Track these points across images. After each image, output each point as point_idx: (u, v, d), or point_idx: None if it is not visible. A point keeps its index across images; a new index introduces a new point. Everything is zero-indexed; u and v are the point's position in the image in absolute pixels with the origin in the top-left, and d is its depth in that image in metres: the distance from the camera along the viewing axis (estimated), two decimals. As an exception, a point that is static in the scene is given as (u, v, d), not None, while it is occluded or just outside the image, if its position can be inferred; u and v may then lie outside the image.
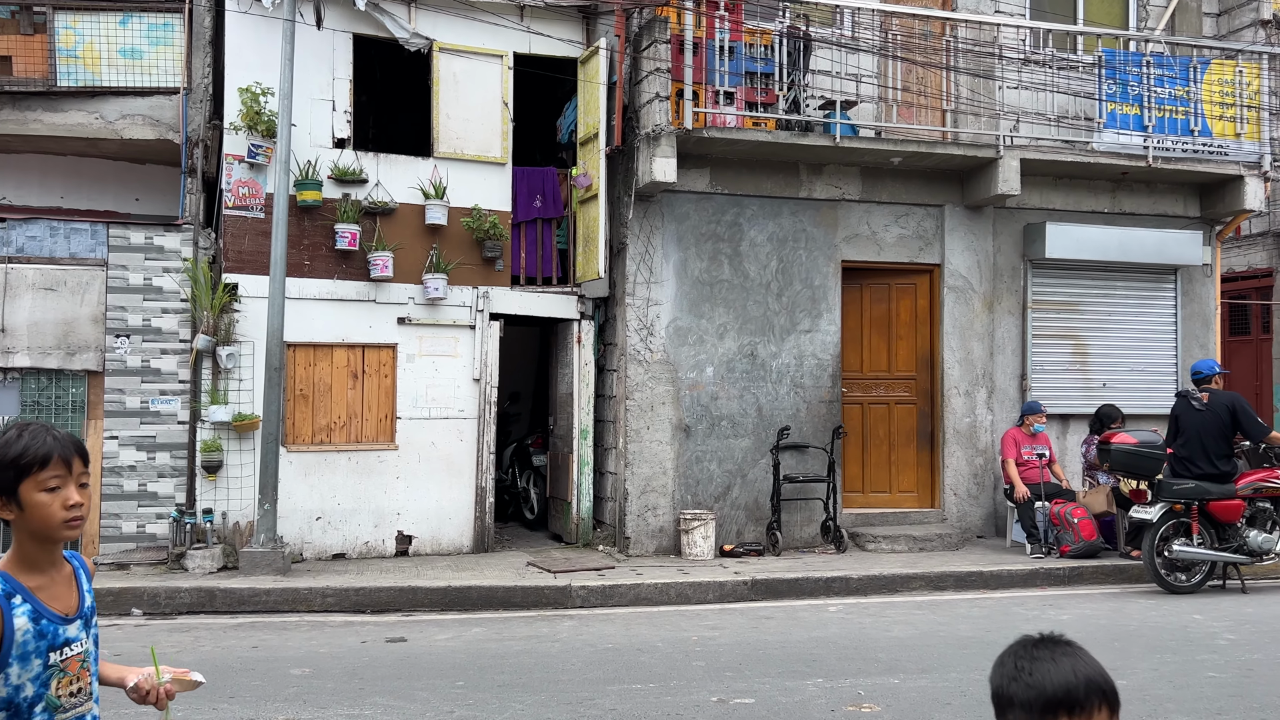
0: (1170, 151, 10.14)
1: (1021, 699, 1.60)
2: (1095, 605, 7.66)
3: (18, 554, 2.00)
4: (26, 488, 1.95)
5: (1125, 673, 5.63)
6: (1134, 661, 5.89)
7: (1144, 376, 10.62)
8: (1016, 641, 1.69)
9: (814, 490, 9.49)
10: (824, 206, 9.77)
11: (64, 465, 1.98)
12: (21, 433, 1.98)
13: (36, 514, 1.96)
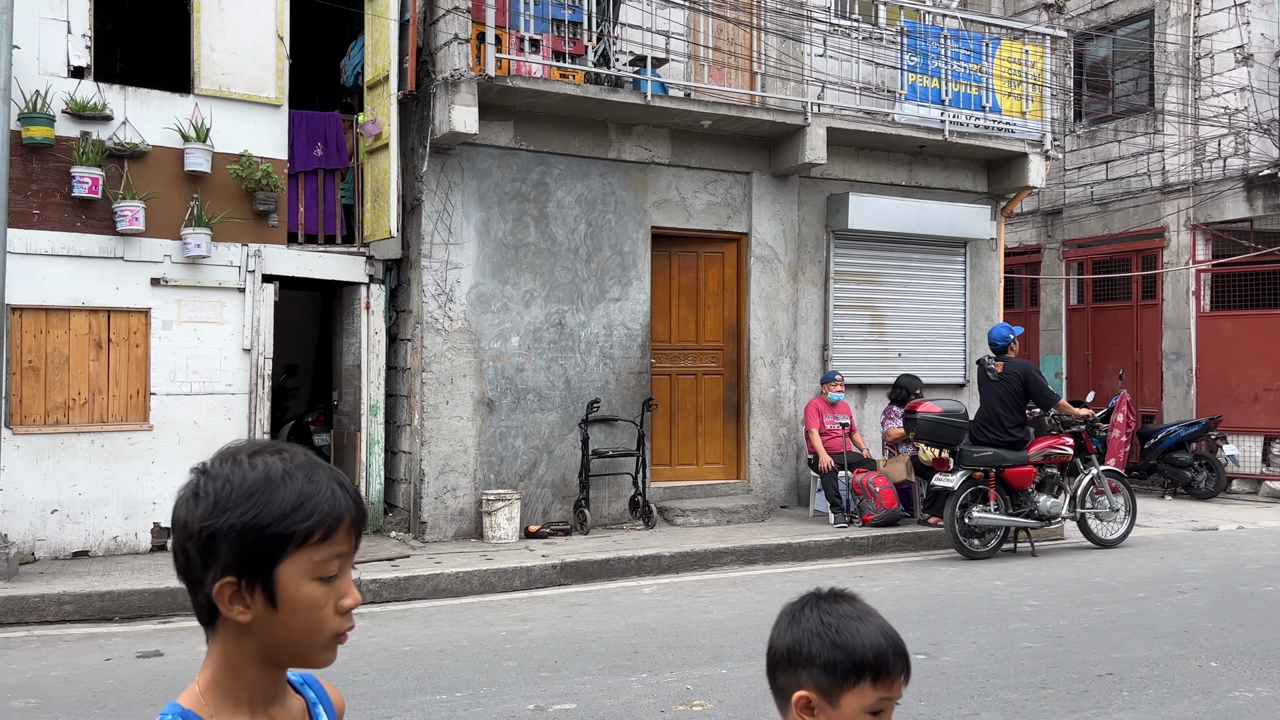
0: (964, 126, 10.37)
1: (824, 659, 1.42)
2: (903, 575, 7.67)
3: (225, 678, 1.16)
4: (291, 571, 1.12)
5: (948, 647, 5.54)
6: (953, 635, 5.83)
7: (936, 347, 10.91)
8: (806, 596, 1.51)
9: (623, 465, 9.09)
10: (634, 169, 9.31)
11: (351, 538, 1.17)
12: (292, 470, 1.14)
13: (299, 618, 1.13)
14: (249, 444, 1.17)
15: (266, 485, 1.10)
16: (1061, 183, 14.53)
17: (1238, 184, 12.29)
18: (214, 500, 1.10)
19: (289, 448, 1.16)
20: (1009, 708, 4.59)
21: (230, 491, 1.10)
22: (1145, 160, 13.46)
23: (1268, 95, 12.37)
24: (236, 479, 1.11)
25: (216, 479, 1.11)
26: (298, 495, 1.11)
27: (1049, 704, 4.63)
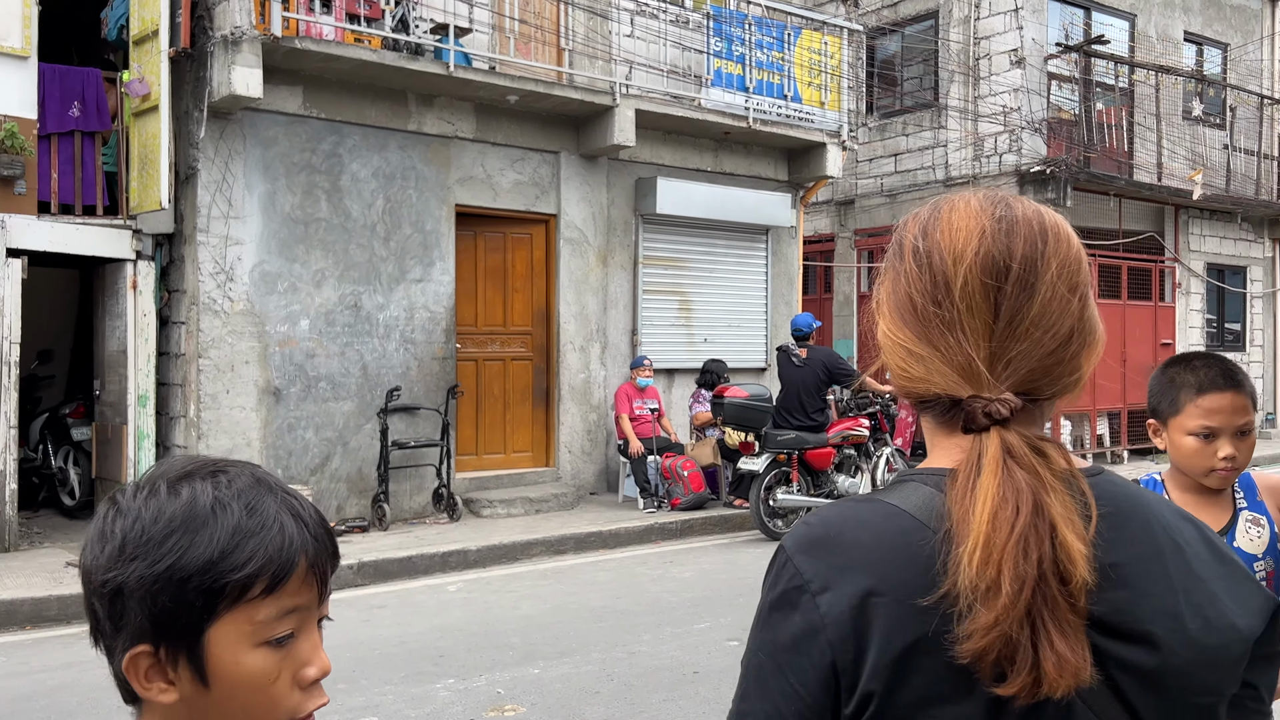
0: (767, 114, 10.52)
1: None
2: (711, 558, 7.68)
3: None
4: (226, 636, 0.85)
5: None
6: (764, 618, 5.84)
7: (740, 332, 11.06)
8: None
9: (426, 456, 8.65)
10: (436, 143, 8.85)
11: (312, 587, 0.89)
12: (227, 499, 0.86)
13: (240, 697, 0.86)
14: (181, 463, 0.89)
15: (189, 521, 0.83)
16: (854, 174, 15.11)
17: (1012, 179, 13.15)
18: (121, 543, 0.84)
19: (231, 468, 0.89)
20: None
21: (141, 531, 0.84)
22: (930, 154, 14.19)
23: (1039, 96, 13.29)
24: (150, 514, 0.84)
25: (126, 514, 0.85)
26: (231, 533, 0.84)
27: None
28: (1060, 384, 0.97)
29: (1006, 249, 0.95)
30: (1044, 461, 0.90)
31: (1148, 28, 14.78)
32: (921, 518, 0.91)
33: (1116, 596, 0.88)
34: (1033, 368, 0.94)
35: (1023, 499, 0.87)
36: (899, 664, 0.86)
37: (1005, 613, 0.83)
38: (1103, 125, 14.05)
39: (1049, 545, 0.85)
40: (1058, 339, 0.94)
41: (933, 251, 0.97)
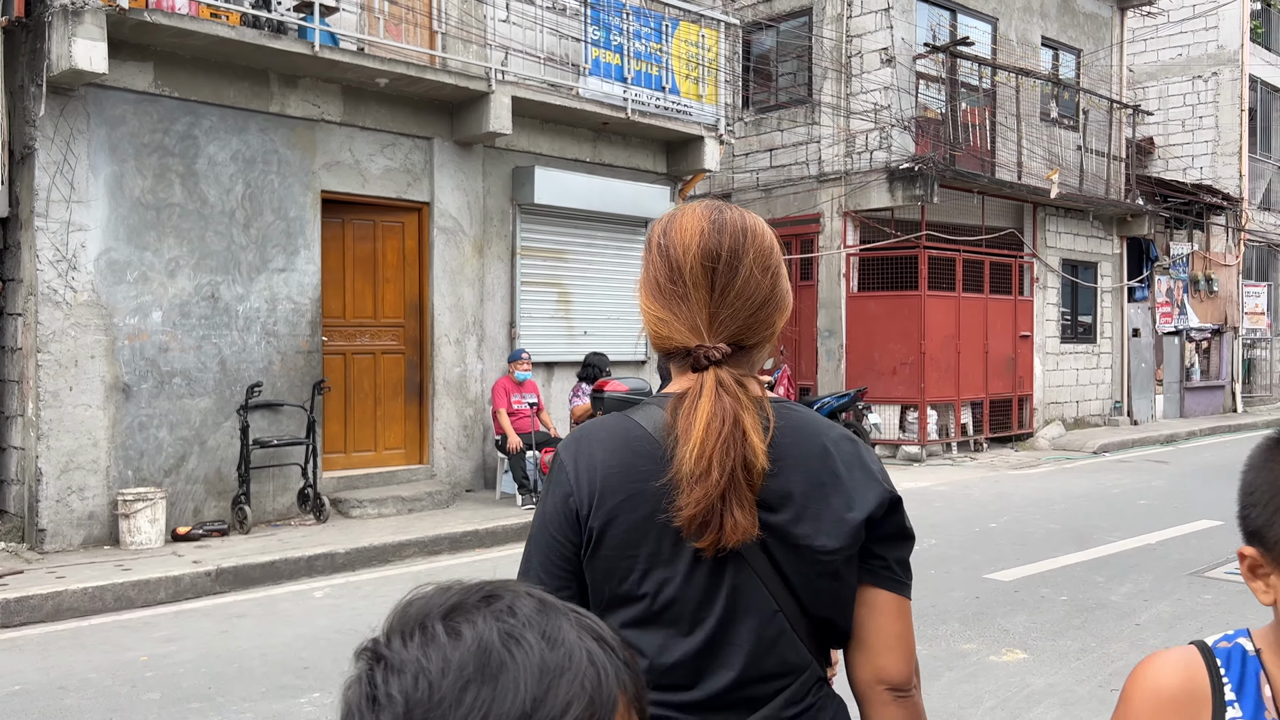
0: (646, 106, 10.45)
1: None
2: (591, 555, 7.58)
3: None
4: None
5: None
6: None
7: (620, 324, 10.97)
8: None
9: (290, 455, 8.26)
10: (300, 126, 8.43)
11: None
12: (518, 631, 0.66)
13: None
14: (440, 595, 0.71)
15: (483, 669, 0.65)
16: (731, 168, 15.23)
17: (882, 175, 13.48)
18: (405, 709, 0.64)
19: (504, 591, 0.70)
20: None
21: (429, 690, 0.64)
22: (805, 150, 14.42)
23: (908, 95, 13.65)
24: (435, 665, 0.65)
25: (402, 671, 0.66)
26: (538, 675, 0.65)
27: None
28: (758, 336, 1.39)
29: (718, 243, 1.34)
30: (743, 390, 1.31)
31: (1009, 31, 15.37)
32: (648, 427, 1.33)
33: (775, 483, 1.29)
34: (739, 325, 1.35)
35: (727, 415, 1.27)
36: (612, 514, 1.30)
37: (712, 491, 1.23)
38: (967, 125, 14.55)
39: (742, 446, 1.25)
40: (754, 305, 1.35)
41: (669, 246, 1.36)
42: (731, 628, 1.30)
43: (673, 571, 1.29)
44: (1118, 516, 8.99)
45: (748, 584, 1.30)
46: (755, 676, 1.31)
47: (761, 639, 1.31)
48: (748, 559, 1.29)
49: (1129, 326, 17.90)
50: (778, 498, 1.29)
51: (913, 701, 1.35)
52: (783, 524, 1.29)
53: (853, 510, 1.30)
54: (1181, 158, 21.27)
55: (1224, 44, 20.96)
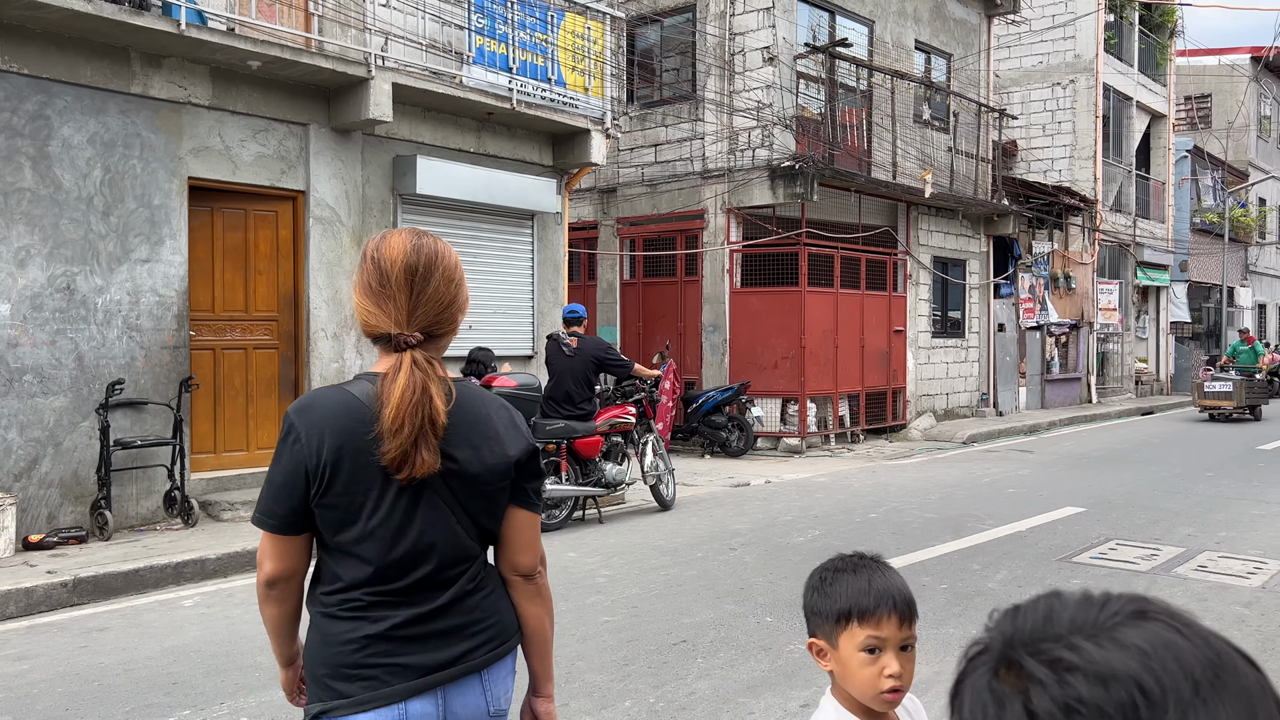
0: (531, 97, 10.30)
1: (819, 608, 1.70)
2: (477, 555, 7.42)
3: None
4: None
5: (531, 632, 5.35)
6: (534, 617, 5.67)
7: (506, 319, 10.80)
8: (831, 559, 1.78)
9: (156, 456, 7.81)
10: (165, 109, 7.97)
11: None
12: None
13: None
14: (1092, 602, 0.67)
15: (1218, 675, 0.61)
16: (616, 162, 15.20)
17: (764, 173, 13.67)
18: None
19: (1143, 600, 0.66)
20: (596, 692, 4.48)
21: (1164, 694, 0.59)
22: (689, 146, 14.50)
23: (790, 94, 13.88)
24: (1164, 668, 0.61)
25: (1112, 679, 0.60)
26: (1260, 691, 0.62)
27: (633, 682, 4.60)
28: (444, 329, 1.92)
29: (417, 260, 1.87)
30: (432, 368, 1.83)
31: (885, 34, 15.81)
32: (360, 397, 1.82)
33: (453, 434, 1.83)
34: (430, 320, 1.87)
35: (418, 385, 1.78)
36: (334, 463, 1.78)
37: (406, 441, 1.76)
38: (845, 125, 14.90)
39: (429, 407, 1.77)
40: (441, 306, 1.89)
41: (381, 259, 1.87)
42: (427, 534, 1.86)
43: (384, 498, 1.82)
44: (989, 505, 9.36)
45: (436, 503, 1.86)
46: (446, 565, 1.89)
47: (448, 540, 1.88)
48: (434, 487, 1.85)
49: (995, 322, 18.70)
50: (454, 444, 1.85)
51: (536, 583, 2.01)
52: (457, 462, 1.86)
53: (507, 454, 1.91)
54: (1042, 160, 22.35)
55: (1081, 53, 22.11)
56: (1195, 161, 28.58)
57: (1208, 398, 18.43)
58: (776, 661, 4.85)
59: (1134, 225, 24.51)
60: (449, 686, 1.88)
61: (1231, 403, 18.11)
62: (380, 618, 1.84)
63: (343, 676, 1.82)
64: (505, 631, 1.97)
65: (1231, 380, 18.32)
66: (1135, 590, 0.70)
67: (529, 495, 1.98)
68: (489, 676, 1.94)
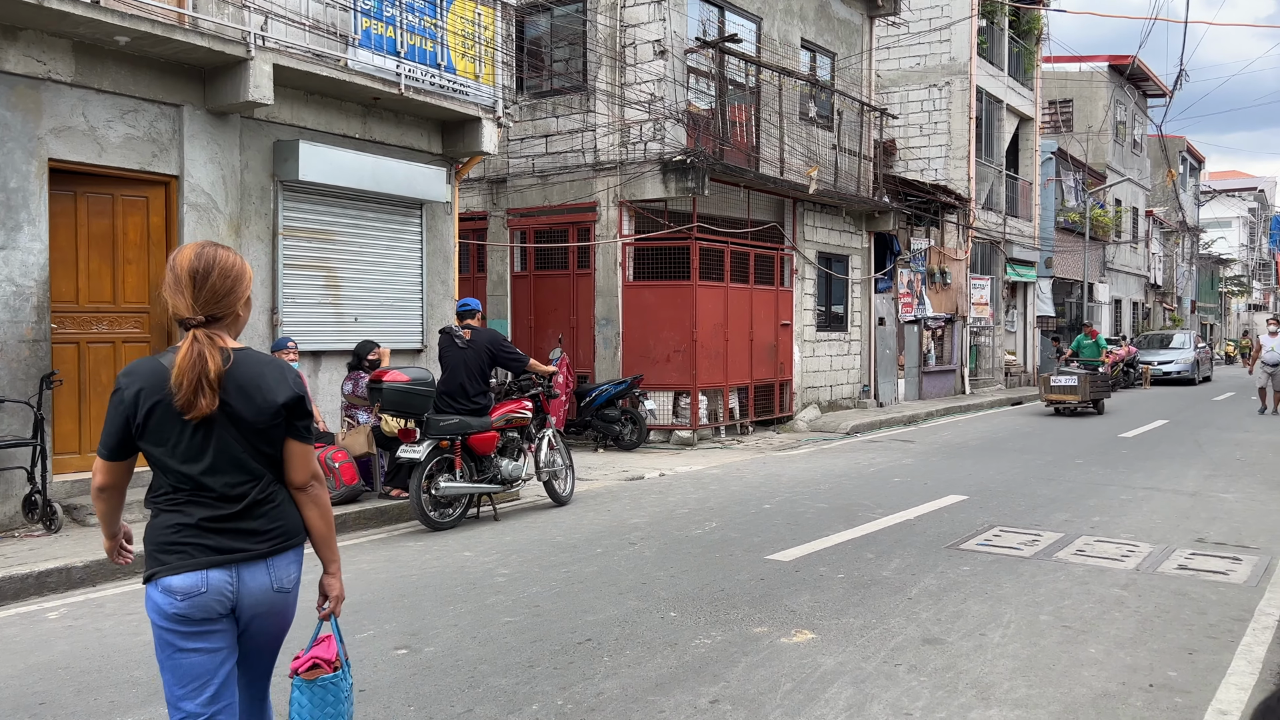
0: (420, 82, 10.00)
1: None
2: (369, 556, 7.16)
3: None
4: None
5: (430, 635, 5.18)
6: (432, 619, 5.48)
7: (394, 312, 10.48)
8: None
9: (14, 457, 7.26)
10: (22, 85, 7.40)
11: None
12: None
13: None
14: None
15: None
16: (506, 153, 14.95)
17: (656, 167, 13.66)
18: None
19: None
20: (501, 696, 4.35)
21: None
22: (581, 138, 14.37)
23: (682, 87, 13.90)
24: None
25: None
26: None
27: (539, 684, 4.49)
28: (224, 313, 2.64)
29: (198, 264, 2.60)
30: (211, 341, 2.56)
31: (772, 31, 16.01)
32: (165, 364, 2.59)
33: (230, 384, 2.58)
34: (210, 308, 2.60)
35: (196, 353, 2.54)
36: (148, 411, 2.56)
37: (187, 391, 2.54)
38: (735, 121, 15.02)
39: (204, 368, 2.53)
40: (219, 297, 2.61)
41: (175, 265, 2.62)
42: (219, 458, 2.62)
43: (184, 433, 2.59)
44: (877, 494, 9.58)
45: (221, 435, 2.61)
46: (237, 482, 2.64)
47: (233, 463, 2.63)
48: (220, 424, 2.60)
49: (876, 316, 19.22)
50: (231, 395, 2.61)
51: (309, 494, 2.75)
52: (233, 408, 2.61)
53: (275, 401, 2.64)
54: (919, 160, 23.09)
55: (955, 56, 22.91)
56: (1059, 163, 30.03)
57: (1053, 392, 18.49)
58: (684, 658, 4.81)
59: (1004, 223, 25.58)
60: (242, 566, 2.64)
61: (1076, 396, 18.14)
62: (191, 513, 2.61)
63: (165, 550, 2.60)
64: (289, 532, 2.73)
65: (1076, 374, 18.37)
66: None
67: (299, 430, 2.72)
68: (274, 562, 2.69)
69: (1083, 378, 18.23)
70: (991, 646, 4.98)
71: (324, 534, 2.77)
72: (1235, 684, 4.46)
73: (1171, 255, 46.01)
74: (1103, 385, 19.14)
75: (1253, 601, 5.81)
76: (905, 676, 4.55)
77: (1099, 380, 18.92)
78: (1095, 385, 18.63)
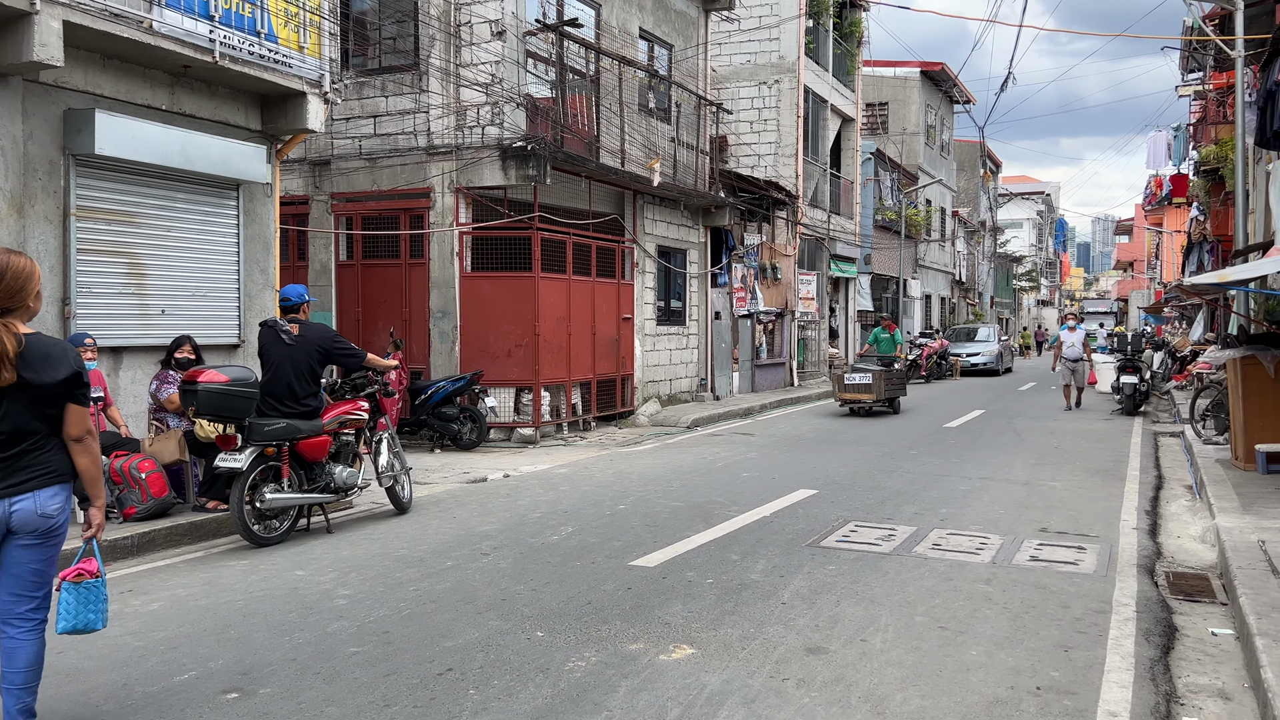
0: (238, 51, 9.05)
1: None
2: (185, 579, 6.32)
3: None
4: None
5: (264, 674, 4.52)
6: (266, 653, 4.82)
7: (207, 303, 9.48)
8: None
9: None
10: None
11: None
12: None
13: None
14: None
15: None
16: (330, 133, 13.97)
17: (495, 153, 13.07)
18: None
19: None
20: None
21: None
22: (413, 119, 13.59)
23: (522, 70, 13.35)
24: None
25: None
26: None
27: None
28: (15, 306, 3.53)
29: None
30: (6, 328, 3.48)
31: (610, 19, 15.68)
32: None
33: (26, 360, 3.50)
34: (5, 304, 3.51)
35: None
36: None
37: None
38: (576, 109, 14.60)
39: (5, 347, 3.45)
40: (12, 294, 3.51)
41: None
42: (11, 417, 3.48)
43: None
44: (729, 491, 9.42)
45: (19, 400, 3.47)
46: (21, 435, 3.50)
47: (22, 423, 3.49)
48: (16, 391, 3.46)
49: (712, 310, 19.28)
50: (25, 369, 3.44)
51: (83, 444, 3.61)
52: (26, 379, 3.45)
53: (58, 376, 3.50)
54: (750, 156, 23.38)
55: (784, 55, 23.34)
56: (878, 163, 31.25)
57: (847, 390, 16.94)
58: (559, 685, 4.38)
59: (828, 221, 26.34)
60: (13, 498, 3.48)
61: (871, 395, 16.70)
62: None
63: None
64: (56, 472, 3.56)
65: (871, 372, 16.93)
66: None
67: (77, 397, 3.56)
68: (40, 494, 3.51)
69: (877, 375, 16.83)
70: (875, 653, 4.80)
71: (93, 475, 3.65)
72: (1116, 682, 4.45)
73: (974, 254, 49.00)
74: (898, 383, 17.87)
75: (1107, 592, 5.93)
76: (796, 693, 4.29)
77: (894, 378, 17.60)
78: (890, 383, 17.30)
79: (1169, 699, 4.30)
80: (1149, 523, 8.10)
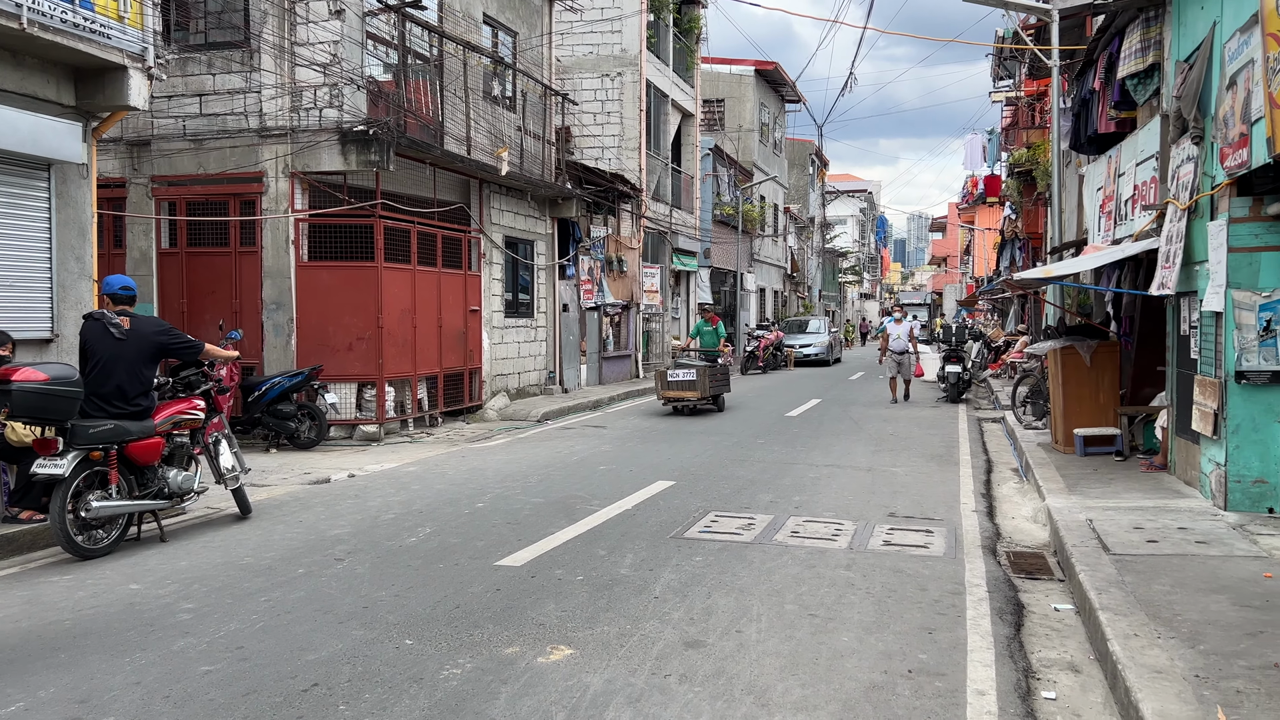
0: (48, 18, 8.24)
1: None
2: (1, 600, 5.72)
3: None
4: None
5: (106, 701, 4.12)
6: (105, 677, 4.39)
7: (14, 293, 8.61)
8: None
9: None
10: None
11: None
12: None
13: None
14: None
15: None
16: (151, 111, 12.99)
17: (334, 136, 12.49)
18: None
19: None
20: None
21: None
22: (243, 99, 12.81)
23: (363, 50, 12.79)
24: None
25: None
26: None
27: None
28: None
29: None
30: None
31: (454, 2, 15.27)
32: None
33: None
34: None
35: None
36: None
37: None
38: (419, 95, 14.14)
39: None
40: None
41: None
42: None
43: None
44: (588, 484, 9.35)
45: None
46: None
47: None
48: None
49: (560, 302, 19.15)
50: None
51: None
52: None
53: None
54: (594, 148, 23.35)
55: (627, 48, 23.41)
56: (716, 159, 31.85)
57: (670, 388, 15.84)
58: (435, 695, 4.19)
59: (670, 214, 26.65)
60: None
61: (695, 393, 15.66)
62: None
63: None
64: None
65: (695, 368, 15.86)
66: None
67: None
68: None
69: (701, 371, 15.80)
70: (752, 644, 4.83)
71: None
72: (979, 661, 4.64)
73: (804, 248, 50.80)
74: (723, 379, 16.89)
75: (958, 573, 6.20)
76: (679, 689, 4.26)
77: (719, 373, 16.64)
78: (715, 380, 16.39)
79: (1027, 674, 4.52)
80: (986, 505, 8.56)
